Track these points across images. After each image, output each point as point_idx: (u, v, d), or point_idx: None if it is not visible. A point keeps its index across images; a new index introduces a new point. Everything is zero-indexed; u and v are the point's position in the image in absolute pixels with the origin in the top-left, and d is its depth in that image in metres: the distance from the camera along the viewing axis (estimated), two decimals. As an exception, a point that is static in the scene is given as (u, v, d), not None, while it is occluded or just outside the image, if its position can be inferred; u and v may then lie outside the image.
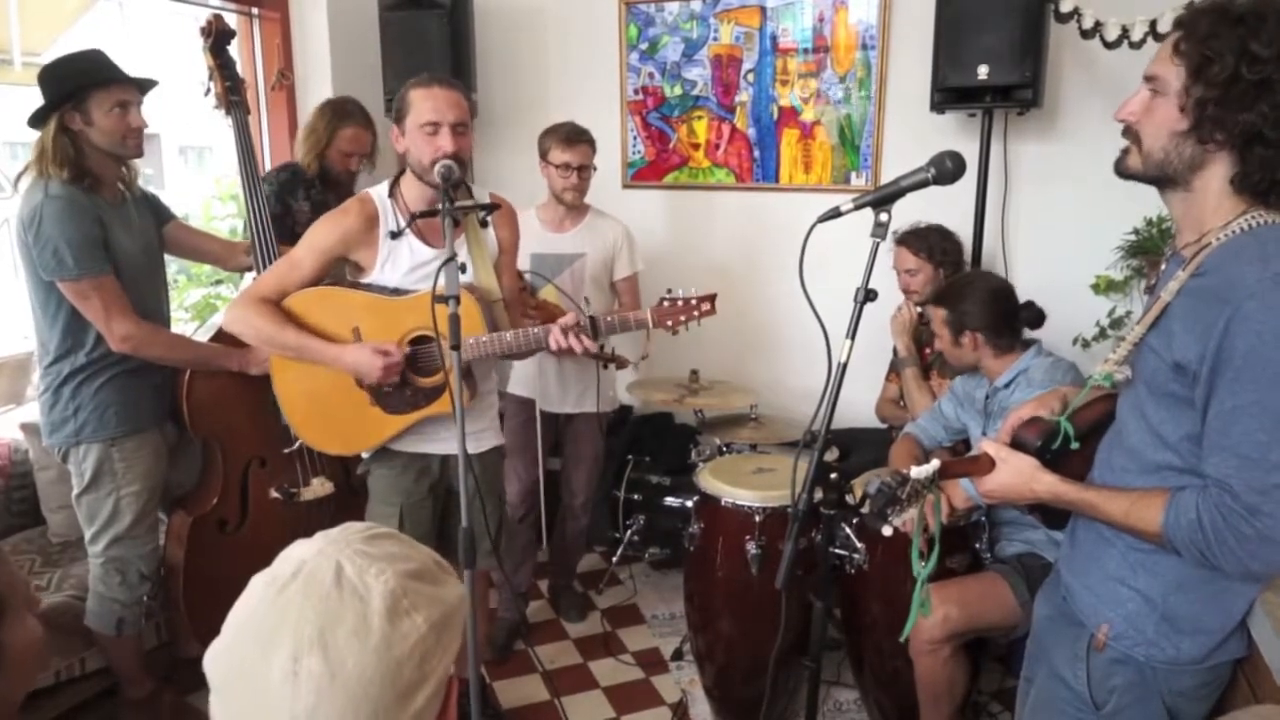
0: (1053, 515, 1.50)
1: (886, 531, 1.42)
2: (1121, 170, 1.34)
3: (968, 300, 2.39)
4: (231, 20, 3.33)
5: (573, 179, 2.92)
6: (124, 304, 2.26)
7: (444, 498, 2.34)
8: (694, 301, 2.14)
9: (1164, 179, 1.29)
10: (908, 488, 1.37)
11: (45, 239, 2.15)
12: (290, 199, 2.92)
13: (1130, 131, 1.31)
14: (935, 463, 1.40)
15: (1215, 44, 1.18)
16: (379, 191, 2.17)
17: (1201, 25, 1.20)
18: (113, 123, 2.23)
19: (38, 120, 2.21)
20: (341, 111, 2.97)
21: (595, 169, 3.00)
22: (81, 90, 2.19)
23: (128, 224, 2.35)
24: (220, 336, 2.43)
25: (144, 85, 2.32)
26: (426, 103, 2.03)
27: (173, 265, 4.30)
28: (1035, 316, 2.41)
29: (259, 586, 0.77)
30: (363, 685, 0.71)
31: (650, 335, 2.35)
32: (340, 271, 2.24)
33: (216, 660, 0.76)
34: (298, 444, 2.55)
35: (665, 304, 2.16)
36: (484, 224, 2.07)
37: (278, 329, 2.09)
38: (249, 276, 2.72)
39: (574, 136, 2.92)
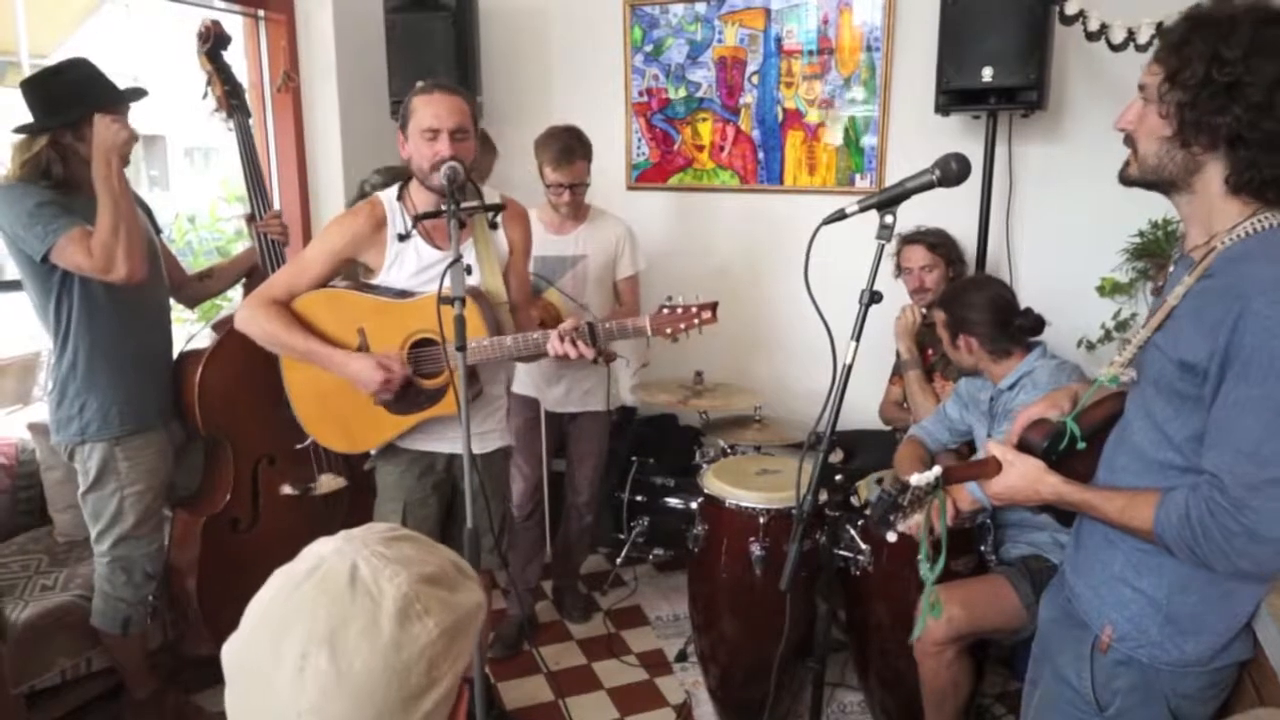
0: (1064, 513, 1.50)
1: (891, 537, 1.44)
2: (1124, 179, 1.36)
3: (965, 305, 2.39)
4: (236, 22, 3.35)
5: (565, 196, 2.91)
6: None
7: (450, 496, 2.35)
8: (694, 310, 2.07)
9: (1163, 184, 1.30)
10: (908, 495, 1.38)
11: (9, 227, 2.14)
12: None
13: (1129, 140, 1.32)
14: (937, 469, 1.40)
15: (1186, 49, 1.20)
16: (388, 195, 2.19)
17: (1176, 31, 1.22)
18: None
19: (30, 133, 2.19)
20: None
21: (588, 182, 2.96)
22: (86, 115, 2.17)
23: None
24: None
25: (136, 96, 2.30)
26: (427, 109, 2.05)
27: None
28: (1034, 324, 2.39)
29: (278, 580, 0.78)
30: (369, 686, 0.72)
31: (650, 343, 2.32)
32: (354, 271, 2.26)
33: (232, 651, 0.77)
34: (309, 441, 2.55)
35: (665, 311, 2.09)
36: (493, 225, 2.07)
37: (285, 332, 2.12)
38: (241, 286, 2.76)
39: (565, 156, 2.85)
